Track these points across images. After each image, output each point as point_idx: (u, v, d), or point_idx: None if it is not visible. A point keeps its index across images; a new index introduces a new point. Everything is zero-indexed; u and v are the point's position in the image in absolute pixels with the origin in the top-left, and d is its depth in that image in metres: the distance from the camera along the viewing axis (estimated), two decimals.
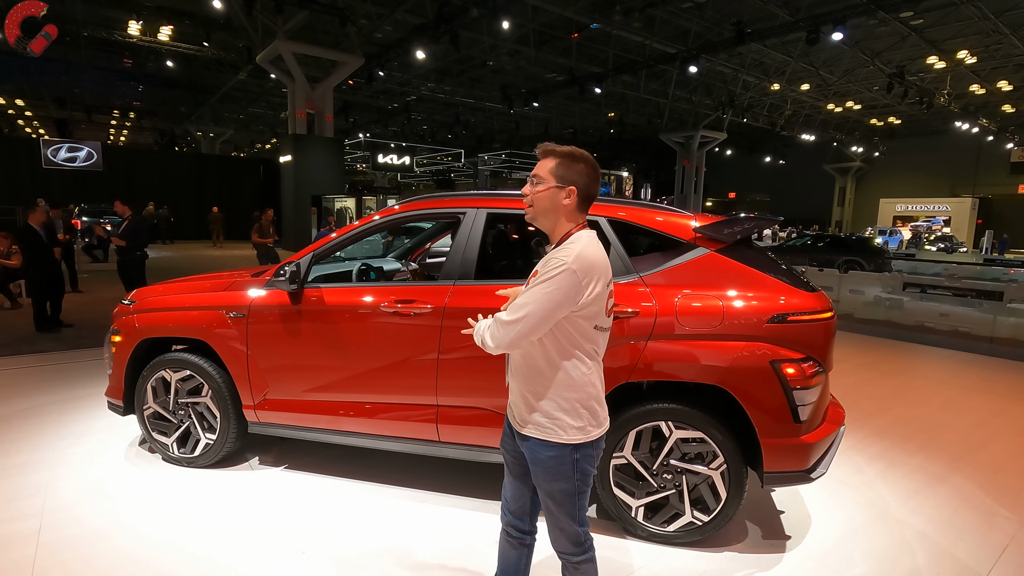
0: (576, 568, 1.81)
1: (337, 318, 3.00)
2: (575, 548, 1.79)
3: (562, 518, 1.76)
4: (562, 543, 1.80)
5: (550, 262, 1.64)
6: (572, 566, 1.81)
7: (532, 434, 1.72)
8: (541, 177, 1.71)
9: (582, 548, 1.80)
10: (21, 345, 6.25)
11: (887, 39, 19.08)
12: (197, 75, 23.47)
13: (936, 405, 4.96)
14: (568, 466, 1.71)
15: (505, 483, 1.94)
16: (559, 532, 1.79)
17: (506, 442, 1.90)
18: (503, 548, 2.01)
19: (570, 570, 1.83)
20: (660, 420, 2.63)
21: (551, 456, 1.70)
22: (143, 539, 2.64)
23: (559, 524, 1.78)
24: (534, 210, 1.75)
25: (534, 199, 1.72)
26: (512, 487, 1.92)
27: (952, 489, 3.38)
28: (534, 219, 1.78)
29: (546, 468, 1.72)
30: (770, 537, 2.82)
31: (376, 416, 3.00)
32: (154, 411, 3.34)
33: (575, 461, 1.71)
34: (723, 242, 2.71)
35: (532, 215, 1.77)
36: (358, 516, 2.91)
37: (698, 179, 29.28)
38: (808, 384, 2.52)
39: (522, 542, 1.96)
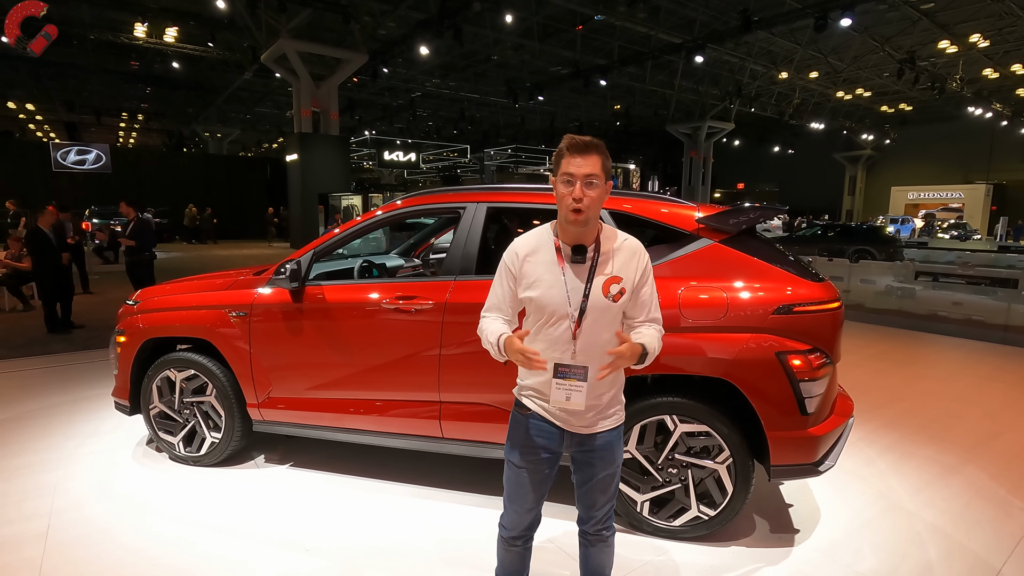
0: (611, 539, 1.93)
1: (338, 315, 2.99)
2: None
3: (614, 495, 1.87)
4: (611, 519, 1.90)
5: (641, 259, 1.72)
6: (609, 538, 1.91)
7: (612, 425, 1.77)
8: (599, 176, 1.59)
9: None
10: (33, 346, 6.32)
11: (897, 24, 18.76)
12: (203, 76, 23.58)
13: (948, 395, 4.88)
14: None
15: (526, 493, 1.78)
16: (611, 509, 1.88)
17: (547, 450, 1.75)
18: (512, 556, 1.92)
19: (605, 542, 1.91)
20: (665, 414, 2.60)
21: (620, 437, 1.81)
22: (149, 537, 2.66)
23: (613, 501, 1.88)
24: (587, 214, 1.60)
25: (592, 203, 1.59)
26: (537, 495, 1.81)
27: (965, 480, 3.33)
28: (586, 223, 1.62)
29: (617, 451, 1.80)
30: (778, 531, 2.79)
31: (379, 413, 2.99)
32: (160, 410, 3.36)
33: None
34: (727, 233, 2.66)
35: (585, 220, 1.60)
36: (362, 513, 2.91)
37: (706, 170, 29.03)
38: (815, 376, 2.48)
39: (528, 543, 1.93)
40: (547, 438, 1.74)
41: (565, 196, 1.60)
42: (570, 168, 1.59)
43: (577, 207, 1.59)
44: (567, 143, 1.61)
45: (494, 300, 1.76)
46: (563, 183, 1.60)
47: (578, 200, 1.58)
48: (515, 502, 1.81)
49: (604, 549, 1.91)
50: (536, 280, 1.67)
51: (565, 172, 1.60)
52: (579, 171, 1.58)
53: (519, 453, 1.77)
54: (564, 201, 1.60)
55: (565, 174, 1.60)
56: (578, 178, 1.58)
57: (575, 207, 1.59)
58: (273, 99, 27.13)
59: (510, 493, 1.81)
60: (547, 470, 1.78)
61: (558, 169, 1.63)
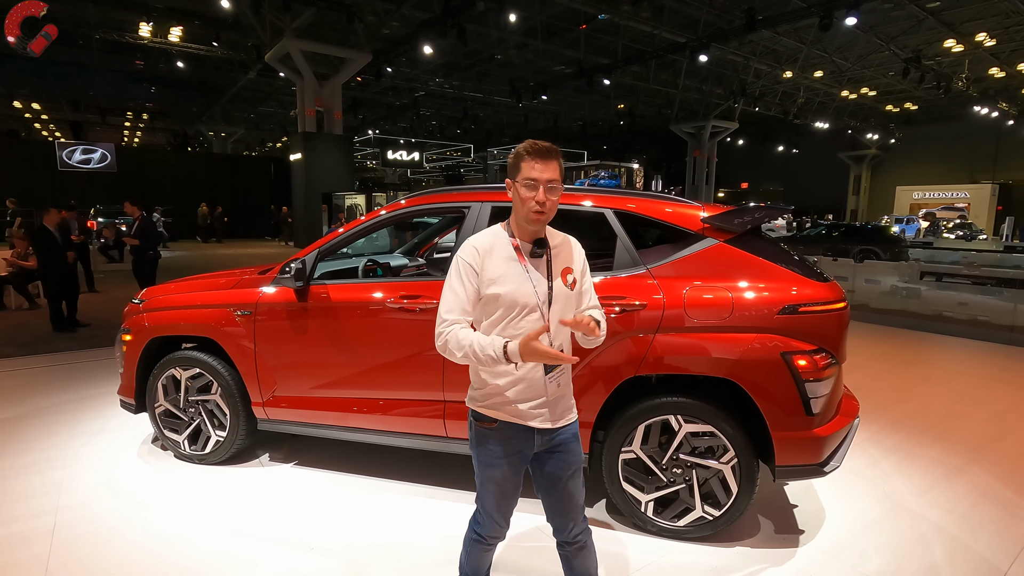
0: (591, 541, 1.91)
1: (343, 314, 3.00)
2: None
3: (583, 494, 1.88)
4: (586, 521, 1.89)
5: (581, 251, 1.87)
6: (589, 540, 1.90)
7: (575, 418, 1.85)
8: (558, 181, 1.69)
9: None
10: (38, 345, 6.35)
11: (902, 23, 18.68)
12: (208, 75, 23.65)
13: (953, 396, 4.86)
14: None
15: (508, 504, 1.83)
16: (583, 511, 1.88)
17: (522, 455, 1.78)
18: (488, 556, 1.96)
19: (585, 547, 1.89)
20: (669, 414, 2.59)
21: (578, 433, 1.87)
22: (155, 535, 2.67)
23: (583, 502, 1.88)
24: (548, 216, 1.70)
25: (552, 206, 1.69)
26: (516, 500, 1.85)
27: (971, 482, 3.31)
28: (545, 223, 1.74)
29: (580, 446, 1.85)
30: (783, 531, 2.78)
31: (383, 412, 3.00)
32: (165, 409, 3.37)
33: None
34: (732, 232, 2.66)
35: (546, 220, 1.72)
36: (367, 512, 2.92)
37: (710, 170, 28.97)
38: (820, 376, 2.47)
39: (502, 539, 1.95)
40: (521, 443, 1.76)
41: (528, 199, 1.67)
42: (533, 173, 1.66)
43: (540, 210, 1.67)
44: (529, 148, 1.68)
45: (456, 302, 1.71)
46: (526, 187, 1.67)
47: (542, 204, 1.67)
48: (498, 512, 1.82)
49: (587, 554, 1.90)
50: (500, 276, 1.71)
51: (528, 177, 1.66)
52: (542, 176, 1.66)
53: (497, 468, 1.77)
54: (527, 204, 1.68)
55: (528, 179, 1.66)
56: (541, 183, 1.66)
57: (539, 210, 1.67)
58: (277, 98, 27.20)
59: (492, 506, 1.81)
60: (520, 475, 1.82)
61: (518, 173, 1.69)
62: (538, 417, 1.74)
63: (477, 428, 1.79)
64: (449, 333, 1.67)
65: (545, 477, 1.81)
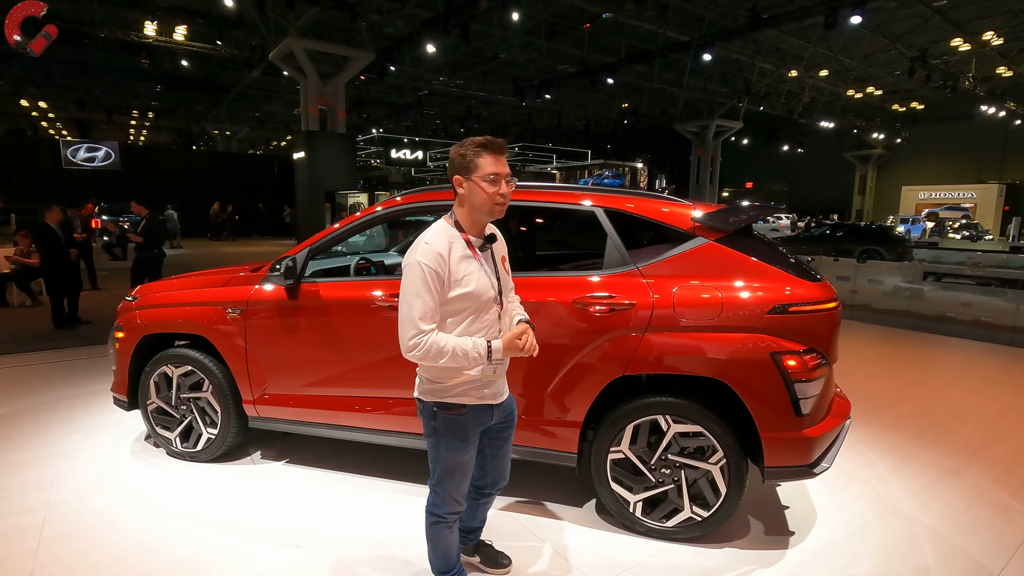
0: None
1: (334, 313, 2.99)
2: None
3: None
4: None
5: (504, 240, 2.04)
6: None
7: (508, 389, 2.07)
8: (510, 174, 1.84)
9: None
10: (39, 342, 6.38)
11: (909, 21, 18.55)
12: (213, 74, 23.74)
13: (954, 397, 4.82)
14: None
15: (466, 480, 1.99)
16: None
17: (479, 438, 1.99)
18: (455, 535, 2.07)
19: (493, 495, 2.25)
20: (658, 414, 2.58)
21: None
22: (143, 535, 2.67)
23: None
24: (506, 207, 1.85)
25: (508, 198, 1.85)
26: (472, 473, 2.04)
27: (967, 484, 3.28)
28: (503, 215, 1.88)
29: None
30: (773, 533, 2.76)
31: (374, 410, 2.99)
32: (157, 406, 3.38)
33: None
34: (723, 231, 2.64)
35: (504, 212, 1.86)
36: (357, 510, 2.91)
37: (714, 169, 28.84)
38: (810, 376, 2.45)
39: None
40: (485, 421, 1.95)
41: (493, 193, 1.79)
42: (496, 168, 1.78)
43: (503, 202, 1.82)
44: (486, 144, 1.79)
45: (427, 310, 1.75)
46: (489, 182, 1.78)
47: (505, 196, 1.81)
48: (460, 491, 1.98)
49: (492, 498, 2.27)
50: (466, 275, 1.80)
51: (492, 172, 1.78)
52: (503, 170, 1.80)
53: (466, 450, 1.92)
54: (492, 198, 1.79)
55: (492, 174, 1.78)
56: (503, 176, 1.79)
57: (501, 202, 1.81)
58: (282, 97, 27.24)
59: (457, 486, 1.96)
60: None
61: (476, 169, 1.78)
62: (496, 395, 1.96)
63: (446, 417, 1.88)
64: (427, 341, 1.73)
65: (493, 443, 2.06)
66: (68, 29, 18.27)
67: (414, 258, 1.77)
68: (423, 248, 1.77)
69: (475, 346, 1.76)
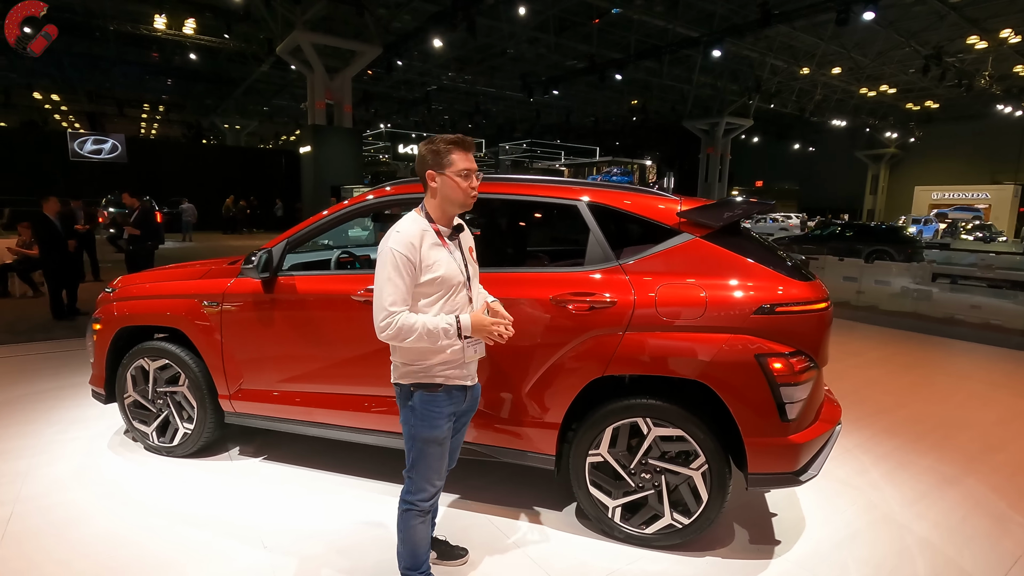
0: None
1: (309, 307, 2.92)
2: None
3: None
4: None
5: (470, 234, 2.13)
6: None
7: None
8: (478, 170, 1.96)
9: None
10: (36, 332, 6.38)
11: (924, 19, 18.23)
12: (222, 68, 23.80)
13: (956, 401, 4.68)
14: None
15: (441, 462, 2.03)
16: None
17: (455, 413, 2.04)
18: (427, 527, 2.08)
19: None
20: (638, 416, 2.48)
21: None
22: (112, 529, 2.61)
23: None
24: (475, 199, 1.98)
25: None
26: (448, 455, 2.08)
27: (963, 492, 3.16)
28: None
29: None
30: (758, 542, 2.66)
31: (350, 408, 2.92)
32: (134, 400, 3.33)
33: None
34: (709, 228, 2.53)
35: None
36: (329, 510, 2.84)
37: (723, 167, 28.59)
38: (797, 380, 2.34)
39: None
40: (458, 402, 2.02)
41: (467, 188, 1.93)
42: (468, 164, 1.92)
43: (475, 195, 1.97)
44: (459, 142, 1.92)
45: (398, 295, 1.84)
46: (461, 176, 1.91)
47: (475, 189, 1.96)
48: (437, 474, 2.02)
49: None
50: (435, 261, 1.90)
51: (465, 168, 1.91)
52: (472, 166, 1.94)
53: (442, 428, 1.98)
54: (466, 192, 1.93)
55: (465, 169, 1.91)
56: (473, 172, 1.93)
57: (473, 196, 1.96)
58: (291, 91, 27.31)
59: (434, 469, 2.01)
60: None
61: (449, 165, 1.90)
62: (467, 377, 2.03)
63: (424, 396, 1.95)
64: (397, 321, 1.82)
65: (454, 427, 2.08)
66: (79, 22, 18.42)
67: (387, 246, 1.86)
68: (395, 236, 1.87)
69: (443, 320, 1.86)
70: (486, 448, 2.75)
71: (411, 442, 1.98)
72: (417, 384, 1.94)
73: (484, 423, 2.71)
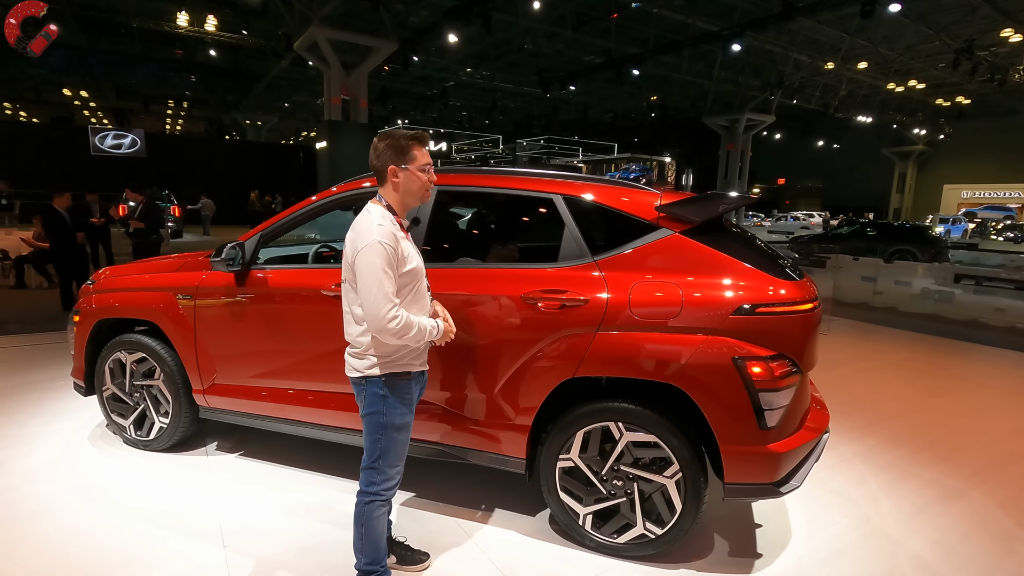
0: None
1: (281, 301, 2.85)
2: None
3: None
4: None
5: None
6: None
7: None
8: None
9: None
10: (45, 323, 6.46)
11: (955, 11, 17.59)
12: (243, 65, 24.03)
13: (968, 410, 4.45)
14: None
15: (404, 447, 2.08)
16: None
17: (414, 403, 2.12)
18: (381, 519, 2.07)
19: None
20: (610, 421, 2.36)
21: None
22: (76, 524, 2.58)
23: None
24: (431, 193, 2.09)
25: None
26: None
27: (967, 508, 2.97)
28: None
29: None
30: (738, 555, 2.52)
31: (321, 405, 2.85)
32: (112, 393, 3.30)
33: None
34: (689, 223, 2.40)
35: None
36: (297, 509, 2.78)
37: (743, 164, 28.04)
38: (777, 385, 2.20)
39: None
40: (421, 386, 2.14)
41: (427, 181, 2.01)
42: (427, 159, 2.01)
43: (431, 188, 2.07)
44: (420, 137, 2.00)
45: (390, 290, 1.88)
46: (423, 171, 1.99)
47: (432, 183, 2.04)
48: (402, 460, 2.08)
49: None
50: (408, 254, 1.97)
51: (426, 162, 2.00)
52: (430, 160, 2.03)
53: (408, 414, 2.05)
54: (425, 185, 2.02)
55: (425, 163, 2.00)
56: (430, 165, 2.02)
57: (431, 188, 2.06)
58: (311, 88, 27.46)
59: (401, 456, 2.06)
60: None
61: (412, 160, 1.97)
62: (426, 362, 2.14)
63: (396, 384, 1.99)
64: (404, 316, 1.90)
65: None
66: (104, 19, 18.78)
67: (372, 238, 1.85)
68: (379, 229, 1.88)
69: (432, 324, 2.02)
70: (457, 450, 2.65)
71: (379, 432, 2.00)
72: (390, 375, 1.98)
73: (455, 424, 2.61)
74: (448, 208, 3.36)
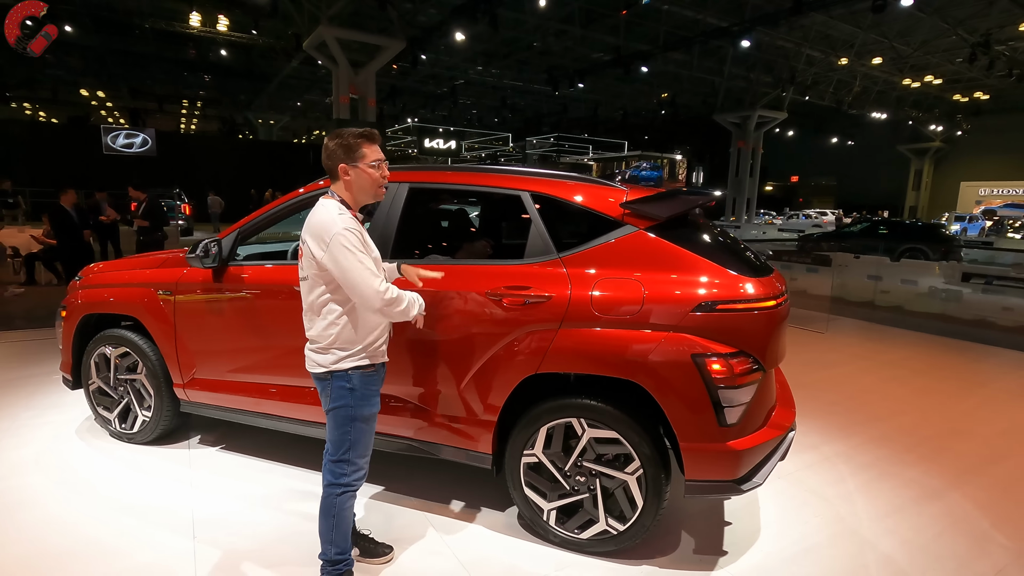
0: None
1: (256, 297, 2.89)
2: None
3: None
4: None
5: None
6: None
7: None
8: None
9: None
10: (52, 319, 6.56)
11: (971, 5, 17.27)
12: (255, 64, 24.28)
13: (960, 410, 4.38)
14: None
15: (371, 437, 2.14)
16: None
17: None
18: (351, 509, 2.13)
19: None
20: (572, 417, 2.37)
21: None
22: (53, 516, 2.64)
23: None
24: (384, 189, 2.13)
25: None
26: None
27: (944, 508, 2.93)
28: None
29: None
30: (703, 552, 2.52)
31: (297, 400, 2.88)
32: (98, 386, 3.38)
33: None
34: (654, 220, 2.39)
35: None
36: (269, 501, 2.82)
37: (755, 162, 27.77)
38: (737, 383, 2.19)
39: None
40: (383, 376, 2.17)
41: (379, 177, 2.06)
42: (378, 155, 2.05)
43: (385, 184, 2.10)
44: (369, 135, 2.03)
45: (372, 267, 1.97)
46: (375, 167, 2.04)
47: (386, 178, 2.09)
48: (369, 450, 2.13)
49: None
50: (368, 245, 2.04)
51: (376, 158, 2.04)
52: (382, 155, 2.06)
53: (374, 406, 2.11)
54: (378, 181, 2.06)
55: (376, 159, 2.04)
56: (383, 161, 2.06)
57: (384, 184, 2.10)
58: (321, 87, 27.71)
59: (369, 445, 2.12)
60: None
61: (362, 158, 2.01)
62: (386, 353, 2.17)
63: (362, 376, 2.04)
64: (396, 293, 2.00)
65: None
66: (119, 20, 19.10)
67: (339, 227, 1.91)
68: (340, 219, 1.94)
69: (415, 297, 2.14)
70: (427, 445, 2.68)
71: (348, 424, 2.05)
72: (355, 367, 2.02)
73: (424, 419, 2.64)
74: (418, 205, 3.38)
